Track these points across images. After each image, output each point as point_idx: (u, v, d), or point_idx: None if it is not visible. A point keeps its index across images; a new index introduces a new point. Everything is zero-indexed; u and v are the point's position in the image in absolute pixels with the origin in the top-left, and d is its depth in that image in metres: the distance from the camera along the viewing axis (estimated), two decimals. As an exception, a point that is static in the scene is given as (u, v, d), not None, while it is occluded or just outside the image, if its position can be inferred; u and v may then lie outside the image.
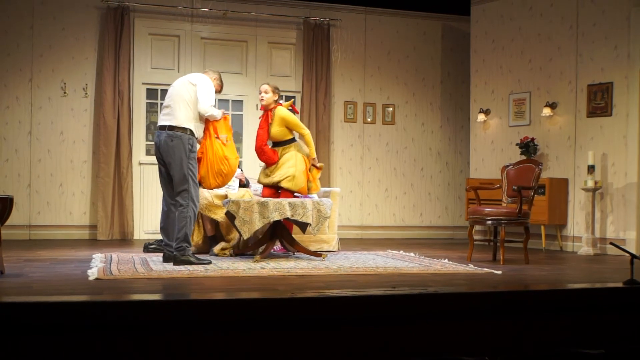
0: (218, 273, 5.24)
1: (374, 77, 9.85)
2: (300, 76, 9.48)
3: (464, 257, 6.74)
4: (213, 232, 6.75)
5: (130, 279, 4.88)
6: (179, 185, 5.69)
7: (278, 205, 6.06)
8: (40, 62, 8.67)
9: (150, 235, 8.73)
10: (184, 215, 5.65)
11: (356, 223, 9.73)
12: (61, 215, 8.70)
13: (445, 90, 10.11)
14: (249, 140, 9.34)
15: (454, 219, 10.10)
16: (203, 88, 5.86)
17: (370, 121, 9.82)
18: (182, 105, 5.78)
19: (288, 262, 6.07)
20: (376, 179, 9.85)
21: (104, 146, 8.66)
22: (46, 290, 4.32)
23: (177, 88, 5.89)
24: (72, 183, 8.75)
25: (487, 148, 9.15)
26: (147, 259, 6.15)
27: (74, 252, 6.88)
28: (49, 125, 8.69)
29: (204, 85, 5.87)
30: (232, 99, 9.36)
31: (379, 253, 7.11)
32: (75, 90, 8.77)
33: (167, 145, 5.72)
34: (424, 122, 10.06)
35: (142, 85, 9.02)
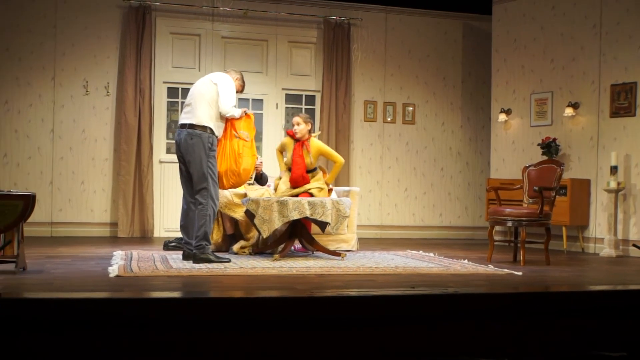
0: (237, 271, 5.25)
1: (394, 76, 9.82)
2: (321, 75, 9.48)
3: (484, 257, 6.70)
4: (232, 230, 6.77)
5: (150, 277, 4.90)
6: (199, 183, 5.71)
7: (297, 205, 6.07)
8: (63, 60, 8.75)
9: (170, 233, 8.78)
10: (203, 213, 5.67)
11: (375, 223, 9.71)
12: (82, 212, 8.78)
13: (466, 90, 10.06)
14: (269, 139, 9.36)
15: (474, 219, 10.04)
16: (224, 88, 5.87)
17: (390, 120, 9.79)
18: (203, 104, 5.80)
19: (307, 261, 6.07)
20: (396, 178, 9.82)
21: (125, 144, 8.72)
22: (67, 286, 4.36)
23: (199, 87, 5.92)
24: (93, 181, 8.83)
25: (508, 148, 9.08)
26: (167, 256, 6.18)
27: (94, 249, 6.94)
28: (71, 123, 8.78)
29: (225, 85, 5.89)
30: (252, 98, 9.38)
31: (398, 253, 7.08)
32: (97, 88, 8.85)
33: (187, 144, 5.75)
34: (445, 121, 10.01)
35: (163, 84, 9.07)
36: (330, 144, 9.33)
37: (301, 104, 9.64)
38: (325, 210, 6.13)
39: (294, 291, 4.29)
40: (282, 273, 5.24)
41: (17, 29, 8.60)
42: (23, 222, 4.93)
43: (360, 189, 8.69)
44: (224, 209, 6.61)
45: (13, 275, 4.73)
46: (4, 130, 8.59)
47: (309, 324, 3.62)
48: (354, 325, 3.67)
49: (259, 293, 4.21)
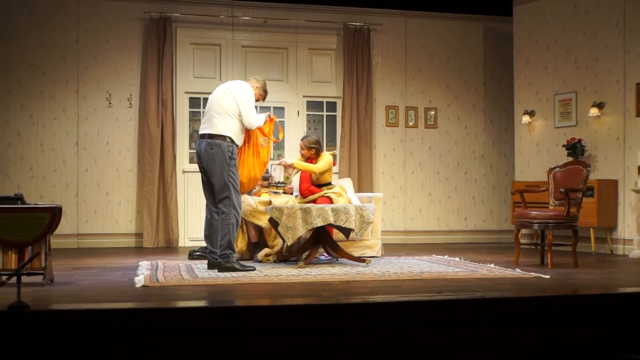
0: (262, 279, 5.26)
1: (416, 80, 9.79)
2: (341, 81, 9.49)
3: (510, 261, 6.65)
4: (257, 238, 6.79)
5: (176, 286, 4.93)
6: (220, 192, 5.74)
7: (321, 212, 6.07)
8: (86, 74, 8.86)
9: (195, 242, 8.82)
10: (226, 222, 5.69)
11: (400, 228, 9.68)
12: (108, 223, 8.86)
13: (488, 93, 10.00)
14: (291, 146, 9.38)
15: (499, 222, 9.96)
16: (243, 102, 5.85)
17: (412, 125, 9.77)
18: (222, 113, 5.82)
19: (332, 268, 6.06)
20: (419, 183, 9.78)
21: (148, 155, 8.80)
22: (95, 297, 4.40)
23: (217, 96, 5.94)
24: (118, 192, 8.92)
25: (532, 150, 9.01)
26: (192, 266, 6.21)
27: (121, 259, 7.00)
28: (95, 136, 8.88)
29: (243, 98, 5.86)
30: (273, 106, 9.41)
31: (423, 258, 7.05)
32: (120, 100, 8.94)
33: (207, 153, 5.78)
34: (467, 125, 9.96)
35: (185, 94, 9.14)
36: (352, 150, 9.33)
37: (322, 111, 9.65)
38: (349, 217, 6.12)
39: (319, 298, 4.29)
40: (307, 280, 5.23)
41: (40, 43, 8.73)
42: (50, 234, 4.99)
43: (383, 194, 8.67)
44: (249, 217, 6.63)
45: (41, 287, 4.78)
46: (29, 143, 8.71)
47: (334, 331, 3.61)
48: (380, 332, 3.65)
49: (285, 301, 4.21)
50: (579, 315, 3.96)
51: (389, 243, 9.09)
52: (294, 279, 5.30)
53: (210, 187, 5.89)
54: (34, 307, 3.48)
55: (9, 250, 4.86)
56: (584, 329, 3.93)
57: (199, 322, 3.51)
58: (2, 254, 4.85)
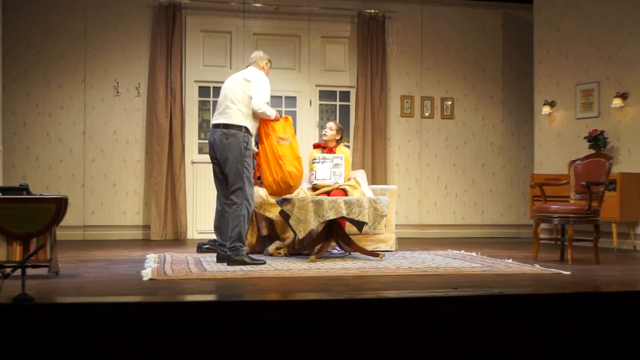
0: (273, 273, 5.25)
1: (432, 70, 9.73)
2: (355, 70, 9.45)
3: (529, 257, 6.61)
4: (267, 231, 6.78)
5: (184, 280, 4.93)
6: (234, 183, 5.74)
7: (333, 204, 6.05)
8: (94, 62, 8.88)
9: (204, 235, 8.84)
10: (237, 214, 5.69)
11: (414, 222, 9.65)
12: (115, 215, 8.89)
13: (506, 83, 9.93)
14: (303, 137, 9.34)
15: (517, 217, 9.91)
16: (258, 84, 5.88)
17: (428, 116, 9.72)
18: (237, 103, 5.82)
19: (344, 262, 6.05)
20: (435, 175, 9.74)
21: (156, 145, 8.81)
22: (101, 291, 4.41)
23: (232, 85, 5.93)
24: (125, 183, 8.94)
25: (552, 142, 8.94)
26: (201, 259, 6.22)
27: (127, 252, 7.02)
28: (103, 125, 8.89)
29: (258, 81, 5.89)
30: (285, 96, 9.40)
31: (439, 253, 7.03)
32: (128, 89, 8.95)
33: (221, 143, 5.78)
34: (485, 116, 9.89)
35: (194, 83, 9.14)
36: (366, 141, 9.30)
37: (335, 101, 9.62)
38: (362, 210, 6.10)
39: (331, 293, 4.28)
40: (319, 275, 5.23)
41: (47, 32, 8.75)
42: (55, 225, 5.00)
43: (398, 187, 8.64)
44: (259, 209, 6.62)
45: (46, 280, 4.80)
46: (35, 133, 8.74)
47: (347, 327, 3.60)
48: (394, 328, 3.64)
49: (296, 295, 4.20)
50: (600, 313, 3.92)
51: (403, 237, 9.06)
52: (305, 273, 5.29)
53: (222, 178, 5.89)
54: (38, 300, 3.48)
55: (14, 241, 4.88)
56: (605, 328, 3.89)
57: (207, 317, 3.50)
58: (6, 246, 4.86)
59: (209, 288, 4.59)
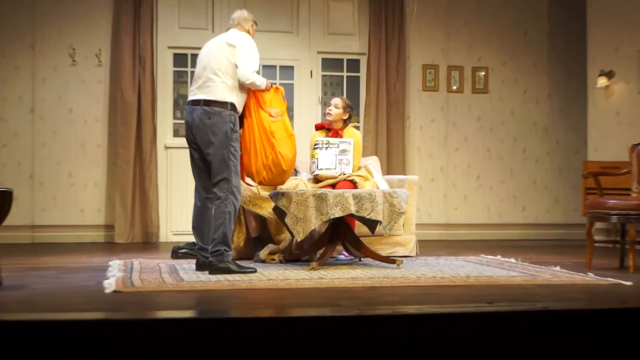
0: (265, 284, 5.27)
1: (461, 33, 9.73)
2: (366, 35, 9.44)
3: (581, 263, 6.63)
4: (258, 232, 6.80)
5: (156, 292, 4.95)
6: (218, 173, 5.74)
7: (340, 199, 6.05)
8: (45, 23, 8.87)
9: (180, 236, 8.86)
10: (221, 210, 5.69)
11: (439, 220, 9.66)
12: (71, 213, 8.90)
13: (553, 49, 9.92)
14: (302, 116, 9.36)
15: (566, 214, 9.92)
16: (244, 49, 5.87)
17: (456, 89, 9.72)
18: (221, 74, 5.81)
19: (353, 270, 6.06)
20: (465, 163, 9.75)
21: (122, 126, 8.82)
22: (53, 305, 4.42)
23: (213, 52, 5.93)
24: (83, 173, 8.95)
25: (610, 122, 8.94)
26: (177, 266, 6.23)
27: (86, 258, 7.03)
28: (56, 102, 8.90)
29: (245, 46, 5.89)
30: (280, 65, 9.39)
31: (469, 259, 7.05)
32: (87, 58, 8.95)
33: (202, 124, 5.77)
34: (527, 89, 9.89)
35: (168, 49, 9.14)
36: (379, 120, 9.30)
37: (342, 71, 9.61)
38: (375, 206, 6.10)
39: (337, 309, 4.29)
40: (321, 286, 5.24)
41: (-14, -15, 8.75)
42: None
43: (419, 177, 8.64)
44: (248, 205, 6.62)
45: (-13, 292, 4.81)
46: (-27, 111, 8.77)
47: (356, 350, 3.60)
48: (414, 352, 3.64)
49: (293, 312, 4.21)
50: (670, 333, 3.93)
51: (426, 239, 9.08)
52: (304, 283, 5.31)
53: (202, 167, 5.89)
54: (-24, 317, 3.49)
55: (-53, 245, 4.88)
56: (675, 351, 3.89)
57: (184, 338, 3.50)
58: (-63, 250, 4.87)
59: (186, 302, 4.60)
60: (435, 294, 4.93)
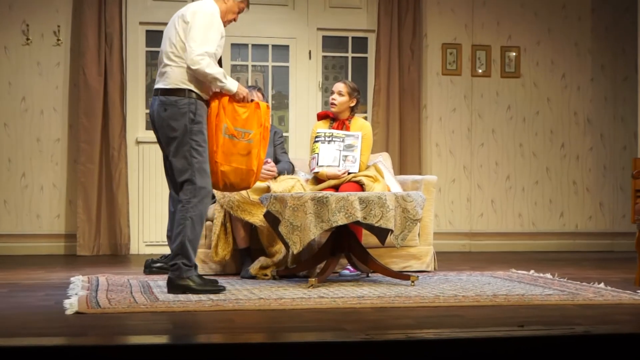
0: (256, 304, 5.28)
1: (488, 5, 9.75)
2: (376, 7, 9.47)
3: (630, 279, 6.64)
4: (247, 243, 6.81)
5: (126, 314, 4.94)
6: (180, 173, 5.72)
7: (344, 203, 6.06)
8: (-8, -6, 8.90)
9: (154, 248, 8.88)
10: (182, 215, 5.67)
11: (461, 229, 9.68)
12: (24, 220, 8.92)
13: (598, 24, 9.94)
14: (298, 104, 9.37)
15: (613, 221, 9.94)
16: (197, 23, 5.66)
17: (482, 73, 9.74)
18: (174, 57, 5.76)
19: (359, 287, 6.07)
20: (492, 161, 9.76)
21: (84, 117, 8.83)
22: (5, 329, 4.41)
23: (169, 30, 5.88)
24: (39, 172, 8.96)
25: (664, 112, 8.96)
26: (150, 283, 6.24)
27: (43, 273, 7.03)
28: (6, 88, 8.92)
29: (198, 19, 5.68)
30: (272, 44, 9.41)
31: (497, 274, 7.06)
32: (43, 35, 8.97)
33: (160, 118, 5.75)
34: (566, 73, 9.91)
35: (140, 25, 9.16)
36: (391, 110, 9.31)
37: (346, 52, 9.63)
38: (385, 211, 6.11)
39: (340, 333, 4.29)
40: (322, 306, 5.25)
41: None
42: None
43: (437, 178, 8.65)
44: (236, 211, 6.63)
45: None
46: None
47: (363, 383, 3.63)
48: (432, 384, 3.67)
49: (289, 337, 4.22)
50: None
51: (446, 251, 9.10)
52: (302, 304, 5.31)
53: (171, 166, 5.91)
54: None
55: None
56: None
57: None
58: None
59: (162, 326, 4.60)
60: (457, 316, 4.94)
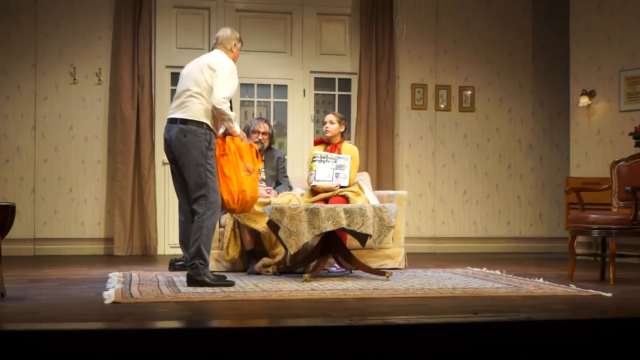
0: (259, 295, 5.28)
1: (449, 53, 9.77)
2: (357, 54, 9.48)
3: (563, 275, 6.65)
4: (252, 245, 6.81)
5: (154, 303, 4.95)
6: (195, 190, 5.77)
7: (331, 213, 6.07)
8: (46, 43, 8.88)
9: (177, 249, 8.82)
10: (198, 225, 5.73)
11: (427, 234, 9.68)
12: (71, 226, 8.89)
13: (538, 68, 9.97)
14: (295, 133, 9.38)
15: (550, 228, 9.95)
16: (223, 74, 5.80)
17: (444, 108, 9.75)
18: (200, 96, 5.80)
19: (344, 282, 6.08)
20: (452, 179, 9.77)
21: (121, 143, 8.82)
22: (55, 316, 4.42)
23: (193, 73, 5.90)
24: (83, 188, 8.94)
25: (591, 139, 8.97)
26: (174, 278, 6.24)
27: (86, 270, 7.03)
28: (57, 119, 8.90)
29: (224, 71, 5.82)
30: (274, 84, 9.42)
31: (456, 271, 7.06)
32: (87, 76, 8.96)
33: (179, 142, 5.80)
34: (512, 108, 9.93)
35: (166, 68, 9.16)
36: (369, 138, 9.32)
37: (334, 90, 9.64)
38: (365, 220, 6.13)
39: (329, 319, 4.30)
40: (313, 297, 5.26)
41: (-10, 6, 8.77)
42: (0, 239, 5.00)
43: (408, 192, 8.66)
44: (243, 219, 6.64)
45: (-10, 303, 4.81)
46: (-24, 128, 8.77)
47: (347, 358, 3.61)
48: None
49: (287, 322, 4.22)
50: (648, 343, 3.95)
51: (415, 252, 9.09)
52: (297, 295, 5.32)
53: (182, 182, 5.92)
54: (-20, 327, 3.49)
55: (-49, 257, 4.87)
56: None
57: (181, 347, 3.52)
58: (-58, 262, 4.87)
59: (183, 313, 4.61)
60: (423, 305, 4.94)
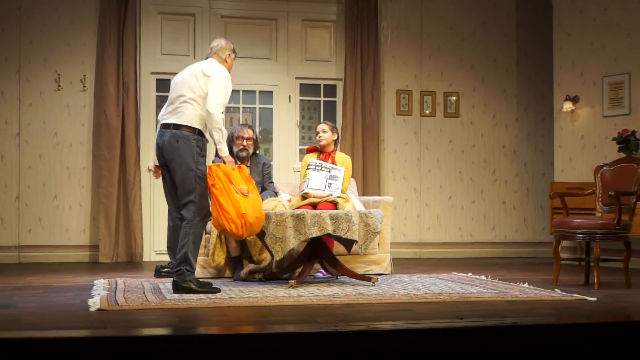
0: (246, 302, 5.28)
1: (433, 59, 9.80)
2: (343, 61, 9.50)
3: (548, 280, 6.68)
4: (238, 252, 6.80)
5: (140, 310, 4.95)
6: (185, 195, 5.77)
7: (317, 219, 6.07)
8: (30, 49, 8.85)
9: (163, 256, 8.81)
10: (186, 231, 5.73)
11: (413, 239, 9.69)
12: (56, 233, 8.86)
13: (522, 74, 10.02)
14: (281, 139, 9.39)
15: (534, 233, 9.98)
16: (217, 81, 5.81)
17: (429, 114, 9.78)
18: (194, 102, 5.82)
19: (330, 287, 6.08)
20: (437, 184, 9.79)
21: (106, 149, 8.80)
22: (40, 324, 4.40)
23: (187, 79, 5.92)
24: (68, 194, 8.91)
25: (575, 144, 9.02)
26: (160, 285, 6.23)
27: (71, 277, 7.01)
28: (41, 126, 8.87)
29: (219, 78, 5.84)
30: (259, 90, 9.43)
31: (441, 276, 7.08)
32: (72, 82, 8.94)
33: (171, 147, 5.80)
34: (496, 113, 9.97)
35: (151, 75, 9.15)
36: (355, 143, 9.34)
37: (319, 96, 9.66)
38: (351, 225, 6.13)
39: (315, 325, 4.30)
40: (299, 303, 5.26)
41: (-26, 12, 8.73)
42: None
43: (393, 198, 8.67)
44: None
45: (-26, 311, 4.79)
46: (-40, 135, 8.72)
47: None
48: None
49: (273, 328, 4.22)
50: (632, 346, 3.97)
51: (400, 258, 9.10)
52: (283, 301, 5.32)
53: (173, 187, 5.91)
54: (-36, 335, 3.47)
55: None
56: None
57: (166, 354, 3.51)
58: None
59: (169, 320, 4.60)
60: (409, 310, 4.95)
